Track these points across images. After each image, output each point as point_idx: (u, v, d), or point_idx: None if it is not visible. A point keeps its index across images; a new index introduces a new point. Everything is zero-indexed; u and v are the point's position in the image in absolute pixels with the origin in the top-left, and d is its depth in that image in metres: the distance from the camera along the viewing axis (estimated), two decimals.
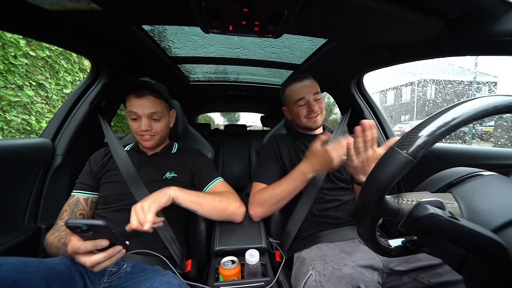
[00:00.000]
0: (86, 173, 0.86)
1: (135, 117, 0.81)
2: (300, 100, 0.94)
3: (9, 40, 1.74)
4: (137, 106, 0.80)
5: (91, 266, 0.53)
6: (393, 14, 0.62)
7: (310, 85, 0.95)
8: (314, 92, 0.94)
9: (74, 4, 0.61)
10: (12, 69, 1.80)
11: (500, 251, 0.29)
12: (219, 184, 0.91)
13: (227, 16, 0.64)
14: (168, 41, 1.03)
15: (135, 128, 0.83)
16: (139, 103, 0.80)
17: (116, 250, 0.55)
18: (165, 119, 0.88)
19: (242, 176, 2.34)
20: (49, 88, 2.14)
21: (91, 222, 0.49)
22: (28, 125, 1.98)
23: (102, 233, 0.52)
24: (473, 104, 0.33)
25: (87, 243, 0.52)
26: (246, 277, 0.75)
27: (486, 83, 16.71)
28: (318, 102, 0.95)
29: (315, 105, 0.93)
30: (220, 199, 0.82)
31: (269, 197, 0.86)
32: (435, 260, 0.66)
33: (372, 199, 0.36)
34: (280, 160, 0.98)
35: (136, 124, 0.82)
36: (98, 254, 0.53)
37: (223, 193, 0.86)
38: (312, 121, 0.96)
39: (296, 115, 0.98)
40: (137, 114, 0.81)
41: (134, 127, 0.83)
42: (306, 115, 0.95)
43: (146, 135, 0.83)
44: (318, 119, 0.96)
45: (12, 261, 0.51)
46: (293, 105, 0.97)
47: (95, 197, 0.84)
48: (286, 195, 0.83)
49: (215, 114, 12.56)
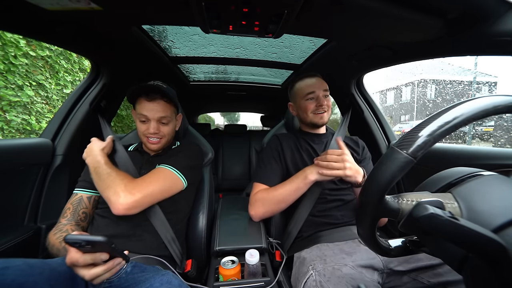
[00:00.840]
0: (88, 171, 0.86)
1: (144, 119, 0.83)
2: (310, 93, 0.95)
3: (9, 40, 1.74)
4: (147, 109, 0.82)
5: (90, 279, 0.53)
6: (393, 14, 0.62)
7: (321, 82, 0.97)
8: (324, 89, 0.96)
9: (74, 4, 0.61)
10: (12, 69, 1.80)
11: (500, 251, 0.29)
12: (157, 170, 0.79)
13: (227, 16, 0.64)
14: (168, 41, 1.03)
15: (143, 130, 0.84)
16: (150, 106, 0.82)
17: (116, 263, 0.55)
18: (172, 123, 0.90)
19: (242, 176, 2.34)
20: (49, 88, 2.13)
21: (90, 238, 0.49)
22: (28, 125, 1.97)
23: (102, 247, 0.52)
24: (473, 104, 0.33)
25: (86, 256, 0.52)
26: (246, 277, 0.75)
27: (486, 83, 16.71)
28: (326, 99, 0.96)
29: (324, 100, 0.94)
30: (111, 180, 0.71)
31: (270, 198, 0.85)
32: (435, 260, 0.66)
33: (372, 199, 0.36)
34: (283, 160, 0.98)
35: (145, 126, 0.84)
36: (97, 267, 0.53)
37: (123, 178, 0.72)
38: (319, 117, 0.96)
39: (304, 110, 0.98)
40: (147, 117, 0.82)
41: (142, 129, 0.84)
42: (314, 110, 0.96)
43: (153, 138, 0.85)
44: (325, 115, 0.96)
45: (18, 263, 0.52)
46: (302, 99, 0.97)
47: (97, 196, 0.84)
48: (288, 197, 0.83)
49: (215, 114, 12.56)
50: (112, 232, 0.75)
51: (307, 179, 0.80)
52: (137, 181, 0.73)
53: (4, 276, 0.48)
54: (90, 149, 0.82)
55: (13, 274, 0.49)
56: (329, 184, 0.91)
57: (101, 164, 0.76)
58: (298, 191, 0.82)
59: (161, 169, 0.79)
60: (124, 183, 0.70)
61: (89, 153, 0.80)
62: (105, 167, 0.75)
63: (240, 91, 2.00)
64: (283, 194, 0.84)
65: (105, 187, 0.70)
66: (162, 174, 0.78)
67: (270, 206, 0.86)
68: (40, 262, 0.56)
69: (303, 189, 0.81)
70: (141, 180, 0.74)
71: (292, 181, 0.83)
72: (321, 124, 0.98)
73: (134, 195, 0.68)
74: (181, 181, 0.81)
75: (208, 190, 1.03)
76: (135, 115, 0.87)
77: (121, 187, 0.69)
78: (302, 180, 0.81)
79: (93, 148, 0.81)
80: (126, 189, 0.69)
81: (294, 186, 0.82)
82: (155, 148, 0.88)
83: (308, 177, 0.79)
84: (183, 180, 0.82)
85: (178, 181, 0.80)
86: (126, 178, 0.73)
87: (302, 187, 0.81)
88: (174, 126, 0.92)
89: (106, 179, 0.71)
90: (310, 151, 0.98)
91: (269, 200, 0.86)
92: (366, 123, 1.33)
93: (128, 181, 0.72)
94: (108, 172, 0.73)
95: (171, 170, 0.79)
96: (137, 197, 0.69)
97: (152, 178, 0.75)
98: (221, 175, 2.33)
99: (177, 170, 0.80)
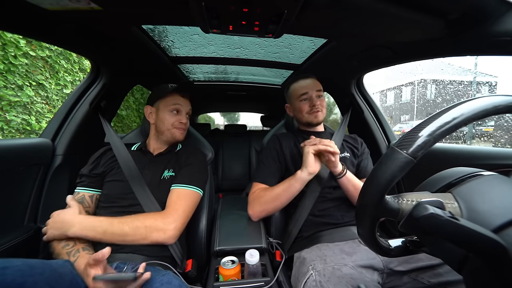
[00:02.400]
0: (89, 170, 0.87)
1: (176, 111, 0.93)
2: (304, 94, 0.99)
3: (9, 40, 1.74)
4: (181, 103, 0.93)
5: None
6: (394, 14, 0.62)
7: (314, 83, 1.01)
8: (317, 89, 0.99)
9: (74, 4, 0.61)
10: (12, 69, 1.80)
11: (500, 251, 0.29)
12: (178, 193, 0.80)
13: (227, 16, 0.64)
14: (168, 41, 1.03)
15: (174, 121, 0.92)
16: (183, 101, 0.94)
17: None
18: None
19: (242, 176, 2.34)
20: (49, 88, 2.13)
21: (119, 277, 0.53)
22: (28, 125, 1.97)
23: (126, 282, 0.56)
24: (473, 104, 0.33)
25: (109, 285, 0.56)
26: (246, 277, 0.75)
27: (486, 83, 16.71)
28: (320, 99, 0.99)
29: (317, 100, 0.98)
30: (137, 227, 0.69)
31: (267, 196, 0.86)
32: (435, 260, 0.66)
33: (372, 199, 0.36)
34: (282, 160, 0.98)
35: (176, 117, 0.92)
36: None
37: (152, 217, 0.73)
38: (313, 116, 0.99)
39: (299, 110, 1.01)
40: (180, 109, 0.93)
41: (172, 120, 0.92)
42: (308, 111, 0.99)
43: (181, 129, 0.93)
44: (319, 114, 0.99)
45: (17, 264, 0.52)
46: (296, 100, 1.01)
47: (98, 194, 0.84)
48: (282, 194, 0.84)
49: (215, 114, 12.56)
50: None
51: (297, 175, 0.82)
52: (169, 212, 0.74)
53: (4, 276, 0.48)
54: (63, 221, 0.68)
55: (13, 274, 0.49)
56: (329, 183, 0.91)
57: (103, 224, 0.68)
58: (290, 187, 0.83)
59: (183, 191, 0.81)
60: (156, 219, 0.71)
61: (69, 226, 0.67)
62: (115, 223, 0.68)
63: (240, 91, 2.00)
64: (277, 192, 0.85)
65: (141, 238, 0.69)
66: (187, 195, 0.81)
67: (266, 204, 0.87)
68: (41, 263, 0.56)
69: (295, 185, 0.83)
70: (173, 210, 0.75)
71: (285, 180, 0.85)
72: (316, 123, 1.00)
73: (176, 228, 0.73)
74: (200, 194, 0.87)
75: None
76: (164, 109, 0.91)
77: (159, 225, 0.71)
78: (293, 176, 0.83)
79: (68, 219, 0.68)
80: (165, 225, 0.71)
81: (286, 183, 0.84)
82: (182, 138, 0.96)
83: (298, 173, 0.82)
84: (201, 192, 0.87)
85: (199, 195, 0.86)
86: (153, 216, 0.73)
87: (293, 184, 0.82)
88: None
89: (133, 230, 0.68)
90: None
91: (265, 198, 0.87)
92: (366, 123, 1.33)
93: (159, 216, 0.73)
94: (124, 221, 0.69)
95: (192, 189, 0.83)
96: (178, 226, 0.74)
97: (179, 203, 0.78)
98: (221, 175, 2.33)
99: (195, 187, 0.84)
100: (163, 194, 0.82)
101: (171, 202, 0.78)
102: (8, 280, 0.47)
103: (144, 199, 0.79)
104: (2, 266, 0.49)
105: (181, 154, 0.95)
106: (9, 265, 0.50)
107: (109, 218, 0.70)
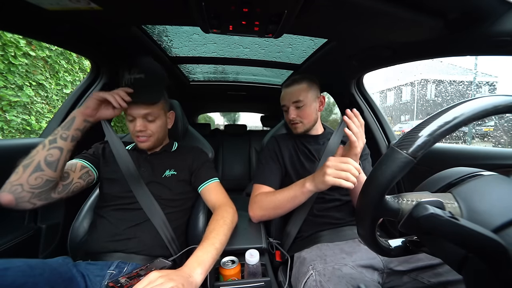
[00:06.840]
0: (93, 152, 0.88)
1: (131, 118, 0.81)
2: (283, 106, 1.00)
3: (9, 40, 1.74)
4: (132, 108, 0.79)
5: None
6: (393, 14, 0.62)
7: (292, 94, 0.94)
8: (294, 101, 0.94)
9: (74, 4, 0.61)
10: (12, 69, 1.80)
11: (500, 251, 0.29)
12: (214, 186, 0.90)
13: (227, 16, 0.64)
14: (168, 41, 1.03)
15: (131, 129, 0.83)
16: (134, 104, 0.78)
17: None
18: (161, 119, 0.85)
19: (242, 176, 2.34)
20: (49, 88, 2.14)
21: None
22: (28, 125, 1.97)
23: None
24: (473, 104, 0.33)
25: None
26: (246, 277, 0.75)
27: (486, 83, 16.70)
28: (299, 110, 0.95)
29: (291, 114, 0.95)
30: (223, 226, 0.73)
31: (269, 203, 0.85)
32: (435, 260, 0.66)
33: (372, 199, 0.36)
34: (282, 161, 0.98)
35: (132, 125, 0.82)
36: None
37: (219, 213, 0.78)
38: (293, 128, 0.99)
39: (285, 119, 1.03)
40: (132, 115, 0.80)
41: (131, 128, 0.83)
42: (289, 121, 0.99)
43: (141, 136, 0.83)
44: (297, 126, 0.97)
45: (18, 264, 0.52)
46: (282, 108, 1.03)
47: (91, 172, 0.82)
48: (284, 204, 0.81)
49: (215, 114, 12.55)
50: (112, 232, 0.75)
51: (304, 187, 0.75)
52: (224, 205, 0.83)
53: (5, 277, 0.48)
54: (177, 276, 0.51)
55: (14, 275, 0.49)
56: None
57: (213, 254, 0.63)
58: (295, 199, 0.79)
59: (213, 185, 0.91)
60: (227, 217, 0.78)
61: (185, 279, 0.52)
62: (217, 248, 0.65)
63: (240, 91, 2.00)
64: (280, 201, 0.81)
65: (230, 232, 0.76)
66: (217, 186, 0.91)
67: (267, 210, 0.86)
68: (41, 263, 0.56)
69: (300, 197, 0.78)
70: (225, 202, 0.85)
71: (290, 188, 0.81)
72: (297, 133, 0.99)
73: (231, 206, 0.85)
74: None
75: None
76: (125, 117, 0.85)
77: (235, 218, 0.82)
78: (300, 188, 0.77)
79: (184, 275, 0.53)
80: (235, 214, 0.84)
81: (292, 194, 0.79)
82: (145, 147, 0.86)
83: (306, 186, 0.75)
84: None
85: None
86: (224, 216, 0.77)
87: (299, 196, 0.78)
88: (163, 123, 0.87)
89: (226, 237, 0.73)
90: (307, 152, 0.98)
91: (267, 204, 0.85)
92: (366, 123, 1.33)
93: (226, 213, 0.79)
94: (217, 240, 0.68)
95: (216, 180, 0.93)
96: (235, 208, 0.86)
97: (223, 194, 0.89)
98: (221, 175, 2.33)
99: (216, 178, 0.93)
100: (164, 191, 0.84)
101: (218, 197, 0.87)
102: (9, 281, 0.47)
103: (142, 196, 0.80)
104: (3, 267, 0.49)
105: (181, 154, 0.94)
106: (10, 266, 0.50)
107: (209, 246, 0.64)
